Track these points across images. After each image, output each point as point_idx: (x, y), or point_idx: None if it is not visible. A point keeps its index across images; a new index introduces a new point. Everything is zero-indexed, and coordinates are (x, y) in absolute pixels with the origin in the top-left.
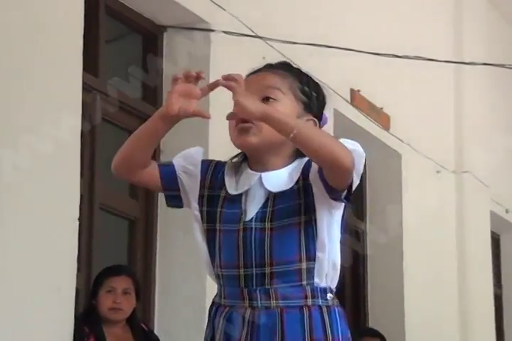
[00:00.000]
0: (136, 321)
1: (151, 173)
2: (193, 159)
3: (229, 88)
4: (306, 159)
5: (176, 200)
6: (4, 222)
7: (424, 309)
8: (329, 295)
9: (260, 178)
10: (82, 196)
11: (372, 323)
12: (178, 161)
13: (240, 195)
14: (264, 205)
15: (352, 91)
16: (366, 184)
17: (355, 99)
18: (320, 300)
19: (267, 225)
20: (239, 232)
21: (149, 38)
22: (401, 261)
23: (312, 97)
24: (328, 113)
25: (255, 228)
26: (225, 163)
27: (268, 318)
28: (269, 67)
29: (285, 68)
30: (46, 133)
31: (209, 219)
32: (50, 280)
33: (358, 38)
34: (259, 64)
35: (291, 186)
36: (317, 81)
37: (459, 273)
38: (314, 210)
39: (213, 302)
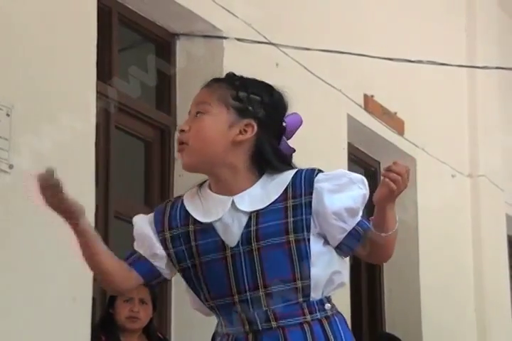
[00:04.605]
0: (152, 330)
1: (132, 277)
2: (147, 231)
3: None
4: (285, 177)
5: (159, 283)
6: (19, 231)
7: (441, 313)
8: (327, 305)
9: (233, 202)
10: (97, 205)
11: (389, 328)
12: (140, 248)
13: (211, 222)
14: (247, 225)
15: (365, 96)
16: None
17: (369, 104)
18: (318, 314)
19: (254, 246)
20: (226, 260)
21: (162, 45)
22: (417, 267)
23: (250, 101)
24: (293, 114)
25: (243, 252)
26: (182, 196)
27: (272, 340)
28: (209, 82)
29: (222, 80)
30: (60, 142)
31: (178, 259)
32: (65, 290)
33: (371, 44)
34: (273, 70)
35: (268, 204)
36: (266, 83)
37: (476, 277)
38: (308, 230)
39: (216, 332)
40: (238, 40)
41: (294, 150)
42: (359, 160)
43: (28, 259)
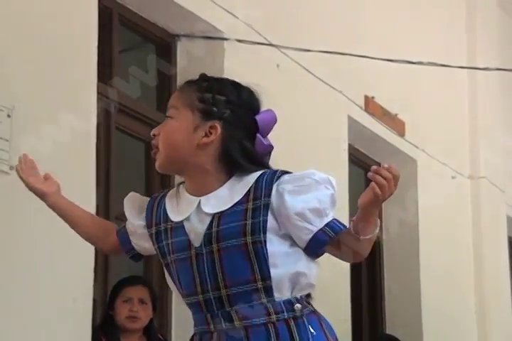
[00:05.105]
0: (153, 331)
1: (111, 240)
2: (128, 211)
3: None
4: (250, 179)
5: (138, 257)
6: (20, 232)
7: (441, 314)
8: (296, 306)
9: (199, 203)
10: (97, 205)
11: (389, 328)
12: (128, 222)
13: (182, 221)
14: (210, 226)
15: (366, 97)
16: None
17: (370, 105)
18: (286, 314)
19: (215, 247)
20: (191, 259)
21: (163, 46)
22: (417, 267)
23: (215, 102)
24: (266, 111)
25: (206, 252)
26: (168, 191)
27: (234, 339)
28: (181, 85)
29: (193, 82)
30: (61, 143)
31: (162, 255)
32: (66, 291)
33: (372, 45)
34: (274, 72)
35: (230, 206)
36: (234, 82)
37: (477, 278)
38: (265, 232)
39: (194, 333)
40: (239, 41)
41: (272, 147)
42: (359, 162)
43: (28, 260)
